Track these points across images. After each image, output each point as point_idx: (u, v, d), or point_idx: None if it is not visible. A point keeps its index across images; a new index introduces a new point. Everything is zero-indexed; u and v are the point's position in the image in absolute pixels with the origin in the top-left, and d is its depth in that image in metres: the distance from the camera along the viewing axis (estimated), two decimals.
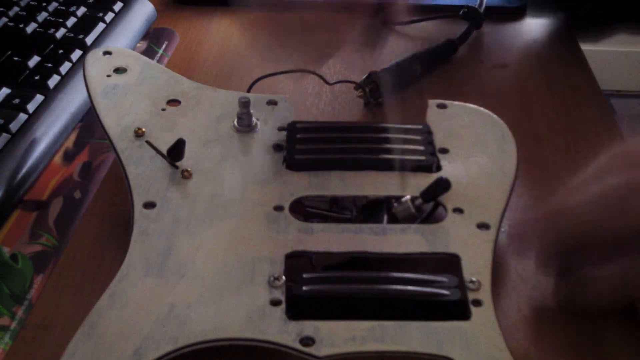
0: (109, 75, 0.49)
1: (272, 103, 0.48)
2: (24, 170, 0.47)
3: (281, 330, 0.33)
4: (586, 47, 0.67)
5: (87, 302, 0.39)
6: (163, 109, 0.47)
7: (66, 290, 0.40)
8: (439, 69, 0.60)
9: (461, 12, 0.65)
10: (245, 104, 0.45)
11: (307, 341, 0.32)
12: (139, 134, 0.44)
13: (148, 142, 0.43)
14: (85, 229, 0.44)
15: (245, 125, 0.45)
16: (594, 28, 0.66)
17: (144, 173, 0.42)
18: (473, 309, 0.34)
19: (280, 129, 0.46)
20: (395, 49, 0.62)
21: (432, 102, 0.48)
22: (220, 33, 0.68)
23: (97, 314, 0.33)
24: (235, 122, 0.46)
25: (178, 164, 0.42)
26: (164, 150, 0.42)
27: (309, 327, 0.33)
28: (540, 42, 0.65)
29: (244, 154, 0.44)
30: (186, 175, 0.42)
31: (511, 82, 0.60)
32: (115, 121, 0.45)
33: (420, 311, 0.34)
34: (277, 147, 0.44)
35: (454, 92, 0.57)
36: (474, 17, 0.65)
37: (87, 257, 0.42)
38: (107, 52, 0.51)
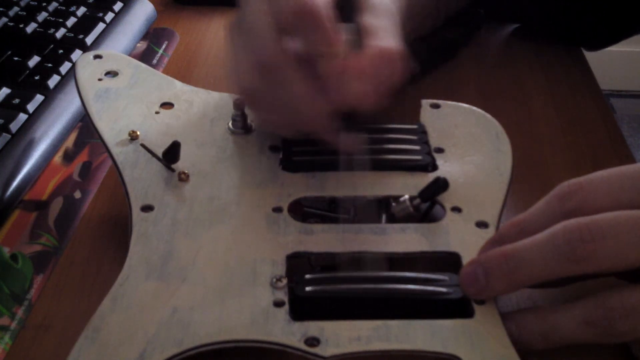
0: (100, 79, 0.49)
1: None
2: (24, 170, 0.47)
3: (286, 331, 0.33)
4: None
5: (87, 302, 0.39)
6: (156, 112, 0.47)
7: (66, 290, 0.40)
8: (438, 69, 0.60)
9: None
10: (239, 106, 0.45)
11: (312, 341, 0.32)
12: (133, 137, 0.44)
13: (143, 145, 0.43)
14: (85, 229, 0.44)
15: (240, 127, 0.45)
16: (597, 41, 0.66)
17: (141, 176, 0.42)
18: (476, 307, 0.34)
19: None
20: None
21: (426, 102, 0.48)
22: (220, 33, 0.68)
23: (99, 318, 0.33)
24: (230, 124, 0.46)
25: (174, 166, 0.42)
26: (159, 153, 0.42)
27: (314, 327, 0.33)
28: (540, 42, 0.65)
29: (240, 156, 0.44)
30: (183, 177, 0.41)
31: (511, 82, 0.60)
32: (109, 125, 0.45)
33: (423, 310, 0.34)
34: (273, 149, 0.44)
35: (453, 92, 0.57)
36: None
37: (87, 257, 0.42)
38: (97, 56, 0.51)
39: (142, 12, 0.67)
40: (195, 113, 0.47)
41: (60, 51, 0.58)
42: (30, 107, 0.51)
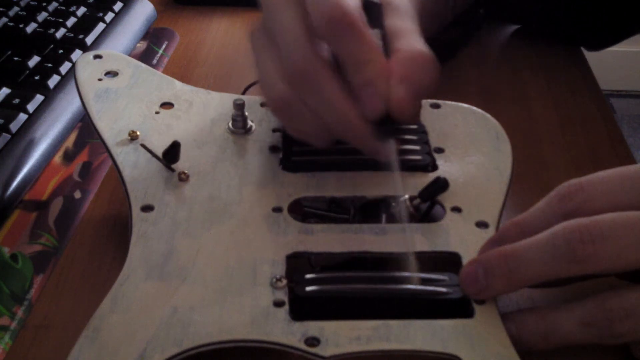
0: (100, 79, 0.49)
1: (266, 105, 0.48)
2: (24, 170, 0.47)
3: (286, 331, 0.33)
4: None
5: (87, 302, 0.39)
6: (156, 112, 0.47)
7: (66, 290, 0.40)
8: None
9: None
10: (239, 106, 0.45)
11: (312, 341, 0.32)
12: (133, 137, 0.44)
13: (143, 145, 0.43)
14: (85, 229, 0.44)
15: (240, 127, 0.45)
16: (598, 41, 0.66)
17: (140, 176, 0.42)
18: (476, 307, 0.34)
19: (275, 130, 0.46)
20: None
21: (425, 102, 0.48)
22: (220, 33, 0.68)
23: (99, 318, 0.33)
24: (230, 124, 0.46)
25: (174, 166, 0.42)
26: (159, 153, 0.42)
27: (314, 327, 0.33)
28: (540, 42, 0.65)
29: (240, 156, 0.44)
30: (183, 177, 0.41)
31: (511, 82, 0.60)
32: (109, 125, 0.45)
33: (423, 310, 0.34)
34: (273, 149, 0.44)
35: (453, 92, 0.57)
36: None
37: (87, 257, 0.42)
38: (97, 56, 0.51)
39: (142, 12, 0.67)
40: (195, 113, 0.47)
41: (60, 51, 0.58)
42: (30, 107, 0.51)
